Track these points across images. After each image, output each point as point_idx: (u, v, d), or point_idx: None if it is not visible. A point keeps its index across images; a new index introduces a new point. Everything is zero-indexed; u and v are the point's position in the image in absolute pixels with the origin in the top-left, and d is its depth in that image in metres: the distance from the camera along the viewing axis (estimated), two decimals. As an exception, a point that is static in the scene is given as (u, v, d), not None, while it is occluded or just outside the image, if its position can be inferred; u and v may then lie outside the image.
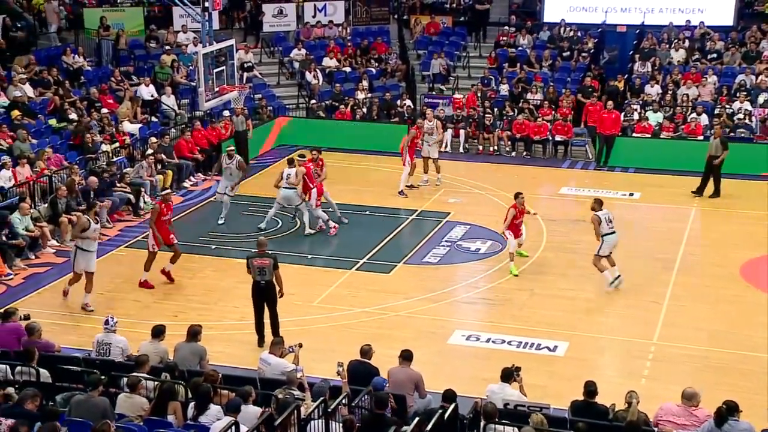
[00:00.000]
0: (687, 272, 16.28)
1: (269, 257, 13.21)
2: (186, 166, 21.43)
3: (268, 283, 13.16)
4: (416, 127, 20.96)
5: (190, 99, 24.24)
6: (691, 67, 25.60)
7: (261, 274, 13.12)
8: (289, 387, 9.84)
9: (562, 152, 23.90)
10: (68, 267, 16.42)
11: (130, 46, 25.98)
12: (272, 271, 13.15)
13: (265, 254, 13.27)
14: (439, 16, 29.52)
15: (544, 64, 26.91)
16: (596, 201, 15.71)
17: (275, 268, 13.18)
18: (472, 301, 15.36)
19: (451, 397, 9.78)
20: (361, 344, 11.01)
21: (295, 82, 27.34)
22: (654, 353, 13.36)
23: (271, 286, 13.20)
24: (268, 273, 13.12)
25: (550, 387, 12.03)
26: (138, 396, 9.45)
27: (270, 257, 13.21)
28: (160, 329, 11.42)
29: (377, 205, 19.74)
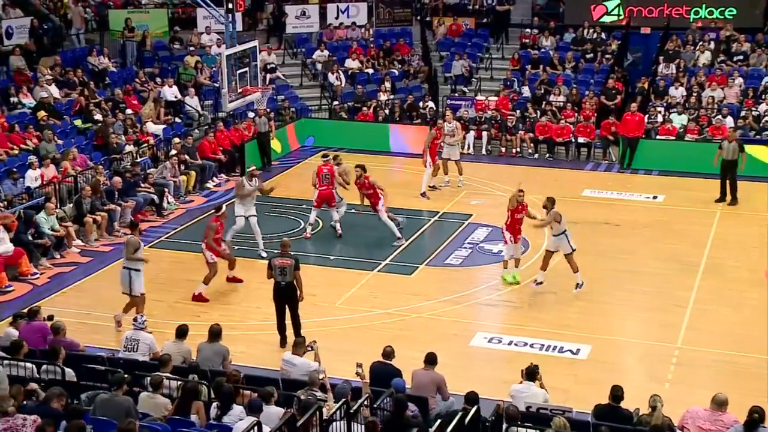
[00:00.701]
0: (711, 275, 16.15)
1: (291, 258, 13.24)
2: (209, 166, 21.54)
3: (288, 284, 13.19)
4: (437, 128, 20.95)
5: (214, 100, 24.38)
6: (717, 69, 25.40)
7: (282, 275, 13.16)
8: (311, 388, 9.86)
9: (585, 154, 23.79)
10: (93, 266, 16.65)
11: (155, 48, 26.17)
12: (293, 272, 13.17)
13: (287, 255, 13.30)
14: (462, 18, 29.49)
15: (567, 66, 26.80)
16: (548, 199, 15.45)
17: (296, 269, 13.20)
18: (494, 303, 15.32)
19: (474, 399, 9.77)
20: (383, 346, 11.01)
21: (317, 84, 27.41)
22: (678, 357, 13.26)
23: (292, 287, 13.22)
24: (289, 274, 13.15)
25: (573, 390, 11.98)
26: (160, 396, 9.51)
27: (291, 258, 13.24)
28: (184, 329, 11.49)
29: (399, 206, 19.71)
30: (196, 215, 19.53)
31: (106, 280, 16.14)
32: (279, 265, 13.19)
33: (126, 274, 13.93)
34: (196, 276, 16.12)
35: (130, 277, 13.88)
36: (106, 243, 17.71)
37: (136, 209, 18.86)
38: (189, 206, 20.09)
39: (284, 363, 11.06)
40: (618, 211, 19.56)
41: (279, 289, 13.24)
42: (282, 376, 10.76)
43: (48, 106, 20.93)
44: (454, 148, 20.98)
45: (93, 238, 17.63)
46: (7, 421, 8.43)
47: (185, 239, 18.11)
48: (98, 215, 17.80)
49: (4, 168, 18.17)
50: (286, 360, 11.07)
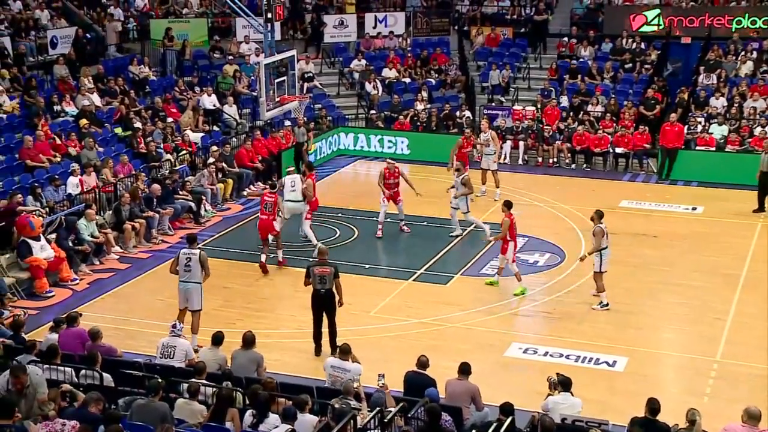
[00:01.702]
0: (752, 289, 15.91)
1: (330, 266, 13.27)
2: (246, 175, 21.70)
3: (327, 292, 13.21)
4: (463, 137, 20.95)
5: (252, 108, 24.57)
6: (759, 79, 25.05)
7: (321, 283, 13.19)
8: (345, 396, 9.87)
9: (623, 165, 23.59)
10: (131, 273, 16.85)
11: (194, 57, 26.46)
12: (332, 280, 13.19)
13: (326, 263, 13.33)
14: (500, 28, 29.41)
15: (605, 76, 26.61)
16: (596, 212, 15.34)
17: (335, 277, 13.22)
18: (529, 313, 15.24)
19: (509, 410, 9.71)
20: (418, 355, 10.99)
21: (354, 93, 27.51)
22: (717, 371, 13.08)
23: (331, 295, 13.23)
24: (329, 282, 13.17)
25: (609, 403, 11.85)
26: (196, 402, 9.58)
27: (331, 266, 13.27)
28: (219, 337, 11.56)
29: (435, 216, 19.71)
30: (232, 223, 19.68)
31: (144, 286, 16.34)
32: (319, 274, 13.22)
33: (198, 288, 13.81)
34: (233, 284, 16.29)
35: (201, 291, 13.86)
36: (143, 250, 17.91)
37: (174, 216, 19.06)
38: (226, 214, 20.25)
39: (334, 369, 11.00)
40: (656, 223, 19.36)
41: (318, 297, 13.27)
42: (330, 384, 10.75)
43: (90, 114, 21.26)
44: (491, 157, 20.92)
45: (131, 244, 17.84)
46: (47, 425, 8.55)
47: (222, 246, 18.26)
48: (137, 222, 18.01)
49: (47, 175, 18.47)
50: (336, 366, 11.02)
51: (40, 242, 15.96)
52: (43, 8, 25.03)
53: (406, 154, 24.19)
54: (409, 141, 24.46)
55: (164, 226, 18.72)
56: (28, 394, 9.04)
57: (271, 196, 16.92)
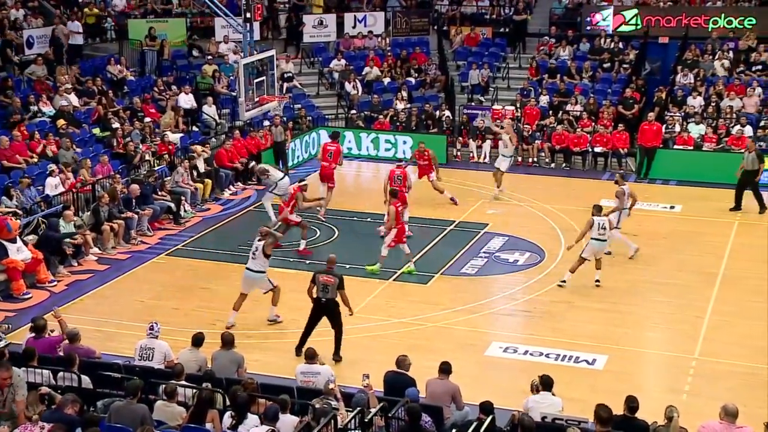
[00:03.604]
0: (729, 286, 16.03)
1: (335, 276, 13.15)
2: (225, 175, 21.62)
3: (328, 301, 13.11)
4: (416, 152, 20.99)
5: (231, 109, 24.49)
6: (736, 78, 25.26)
7: (323, 291, 13.10)
8: (326, 396, 9.86)
9: (602, 164, 23.71)
10: (110, 274, 16.73)
11: (173, 57, 26.33)
12: (335, 290, 13.08)
13: (332, 272, 13.23)
14: (479, 27, 29.48)
15: (584, 76, 26.73)
16: (595, 207, 16.20)
17: (339, 288, 13.10)
18: (509, 312, 15.28)
19: (489, 409, 9.73)
20: (398, 355, 10.99)
21: (334, 93, 27.49)
22: (695, 368, 13.17)
23: (333, 304, 13.12)
24: (331, 291, 13.08)
25: (589, 401, 11.84)
26: (176, 404, 9.53)
27: (336, 276, 13.15)
28: (199, 338, 11.52)
29: (414, 215, 19.71)
30: (212, 223, 19.61)
31: (123, 288, 16.25)
32: (323, 282, 13.14)
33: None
34: (213, 284, 16.23)
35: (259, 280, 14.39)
36: (122, 251, 17.79)
37: (153, 217, 18.96)
38: (205, 215, 20.17)
39: (304, 375, 11.00)
40: (635, 221, 19.42)
41: (318, 305, 13.20)
42: (303, 387, 10.72)
43: (67, 114, 21.09)
44: (506, 160, 20.91)
45: (110, 245, 17.73)
46: (26, 428, 8.49)
47: (202, 247, 18.19)
48: (115, 223, 17.90)
49: (23, 176, 18.29)
50: (306, 371, 11.01)
51: (16, 244, 15.81)
52: (19, 7, 24.80)
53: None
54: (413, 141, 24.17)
55: (143, 227, 18.62)
56: (8, 394, 8.96)
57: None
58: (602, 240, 15.88)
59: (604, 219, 16.00)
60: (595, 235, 15.78)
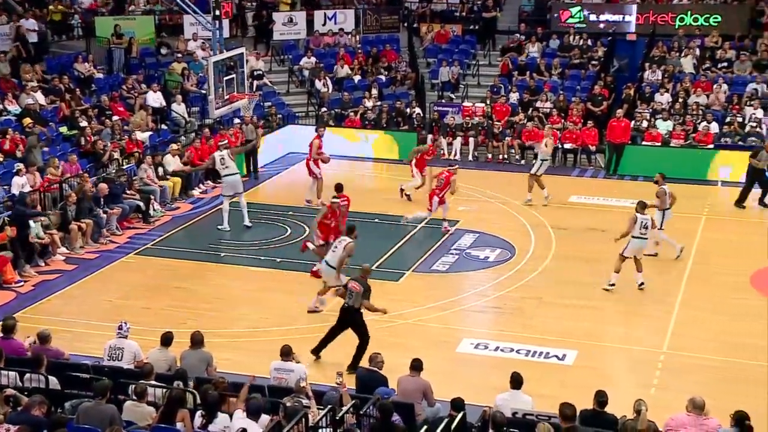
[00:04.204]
0: (697, 281, 16.21)
1: (362, 285, 13.00)
2: (195, 173, 21.48)
3: (350, 308, 12.95)
4: (431, 145, 21.35)
5: (201, 107, 24.34)
6: (702, 75, 25.54)
7: (348, 297, 13.00)
8: (297, 395, 9.84)
9: (572, 160, 23.87)
10: (78, 274, 16.56)
11: (141, 55, 26.11)
12: (359, 298, 12.92)
13: (361, 281, 13.06)
14: (449, 25, 29.54)
15: (553, 72, 26.89)
16: (639, 204, 15.98)
17: (364, 297, 12.92)
18: (480, 309, 15.33)
19: (460, 405, 9.76)
20: (370, 352, 10.99)
21: (304, 90, 27.42)
22: (663, 362, 13.30)
23: (353, 311, 12.93)
24: (354, 298, 12.91)
25: (559, 396, 11.91)
26: (145, 405, 9.46)
27: (363, 285, 13.00)
28: (169, 337, 11.42)
29: (386, 213, 19.74)
30: (182, 222, 19.49)
31: (91, 287, 16.09)
32: (350, 288, 13.06)
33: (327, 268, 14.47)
34: (181, 283, 16.15)
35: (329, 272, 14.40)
36: (91, 250, 17.62)
37: (122, 216, 18.80)
38: (175, 213, 20.04)
39: (278, 372, 10.94)
40: (604, 217, 19.62)
41: (342, 310, 13.11)
42: (276, 385, 10.69)
43: (33, 113, 20.84)
44: (545, 163, 20.50)
45: (78, 245, 17.55)
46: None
47: (172, 246, 18.07)
48: (83, 222, 17.72)
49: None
50: (280, 368, 10.96)
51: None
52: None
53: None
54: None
55: (112, 226, 18.45)
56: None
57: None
58: (644, 238, 15.63)
59: (647, 218, 15.70)
60: (636, 234, 15.50)
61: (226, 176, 18.66)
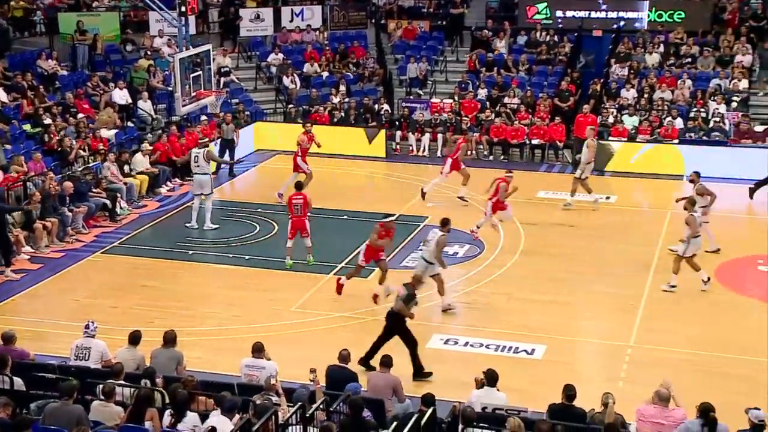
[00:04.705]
0: (663, 275, 16.34)
1: (407, 290, 12.87)
2: (162, 171, 21.32)
3: (393, 312, 12.79)
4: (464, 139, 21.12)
5: (167, 104, 24.14)
6: (666, 71, 25.81)
7: (395, 301, 12.94)
8: (267, 393, 9.81)
9: (540, 156, 24.01)
10: (43, 273, 16.35)
11: (106, 51, 25.84)
12: (400, 300, 12.79)
13: (408, 286, 12.97)
14: (417, 21, 29.56)
15: (521, 68, 27.02)
16: (691, 201, 15.77)
17: (403, 301, 12.74)
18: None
19: (430, 401, 9.79)
20: (340, 349, 11.00)
21: (272, 87, 27.30)
22: (631, 356, 13.43)
23: (396, 315, 12.75)
24: (397, 302, 12.81)
25: (528, 390, 12.05)
26: (113, 404, 9.37)
27: (407, 290, 12.88)
28: (137, 336, 11.33)
29: (355, 209, 19.72)
30: (149, 220, 19.33)
31: (57, 287, 15.91)
32: (397, 291, 13.02)
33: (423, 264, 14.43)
34: (149, 282, 16.02)
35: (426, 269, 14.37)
36: (56, 249, 17.41)
37: (89, 215, 18.60)
38: (142, 211, 19.87)
39: (249, 369, 10.89)
40: (572, 212, 19.77)
41: (387, 315, 12.90)
42: (247, 382, 10.64)
43: (-4, 110, 20.57)
44: (589, 167, 20.06)
45: (43, 244, 17.33)
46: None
47: (139, 244, 17.92)
48: (48, 221, 17.50)
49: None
50: (251, 365, 10.91)
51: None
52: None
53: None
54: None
55: (78, 224, 18.25)
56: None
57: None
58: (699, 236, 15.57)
59: (698, 214, 15.69)
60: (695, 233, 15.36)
61: (196, 174, 18.63)
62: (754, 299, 15.53)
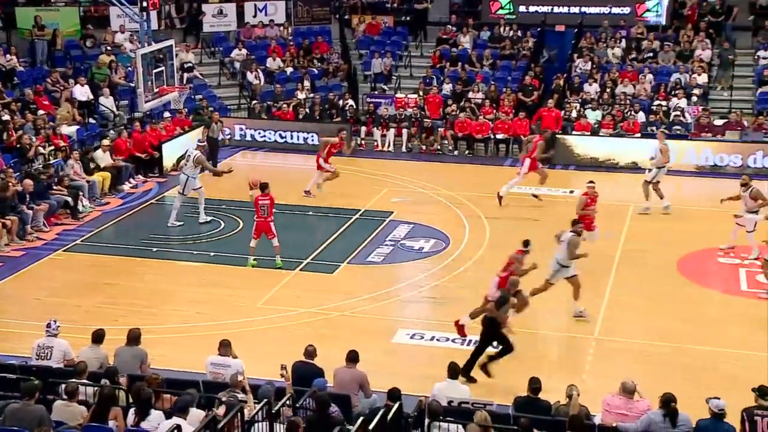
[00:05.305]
0: (626, 268, 16.54)
1: (502, 294, 12.67)
2: (125, 168, 21.11)
3: (487, 317, 12.58)
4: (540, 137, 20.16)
5: (130, 100, 23.89)
6: (628, 65, 26.05)
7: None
8: (232, 389, 9.76)
9: (504, 150, 24.12)
10: (3, 273, 16.12)
11: (66, 47, 25.49)
12: (494, 306, 12.58)
13: (503, 290, 12.76)
14: (381, 16, 29.55)
15: (485, 63, 27.11)
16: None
17: (496, 305, 12.54)
18: (416, 299, 15.41)
19: (396, 395, 9.79)
20: (306, 345, 10.97)
21: (236, 83, 27.14)
22: (595, 348, 13.55)
23: (492, 320, 12.51)
24: (492, 306, 12.64)
25: (494, 384, 12.12)
26: (76, 404, 9.26)
27: (502, 294, 12.68)
28: (100, 334, 11.21)
29: (321, 205, 19.68)
30: (112, 217, 19.13)
31: (18, 285, 15.68)
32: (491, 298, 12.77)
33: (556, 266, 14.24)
34: (112, 279, 15.86)
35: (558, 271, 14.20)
36: (17, 248, 17.15)
37: (50, 212, 18.35)
38: (104, 209, 19.65)
39: (214, 366, 10.81)
40: (537, 207, 19.88)
41: (483, 320, 12.70)
42: (212, 380, 10.57)
43: (-47, 107, 20.21)
44: (662, 171, 19.44)
45: (2, 242, 17.07)
46: None
47: (102, 242, 17.74)
48: (8, 219, 17.23)
49: None
50: (217, 363, 10.83)
51: None
52: None
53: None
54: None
55: (38, 222, 17.99)
56: None
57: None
58: None
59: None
60: None
61: (181, 172, 18.50)
62: (714, 291, 15.77)
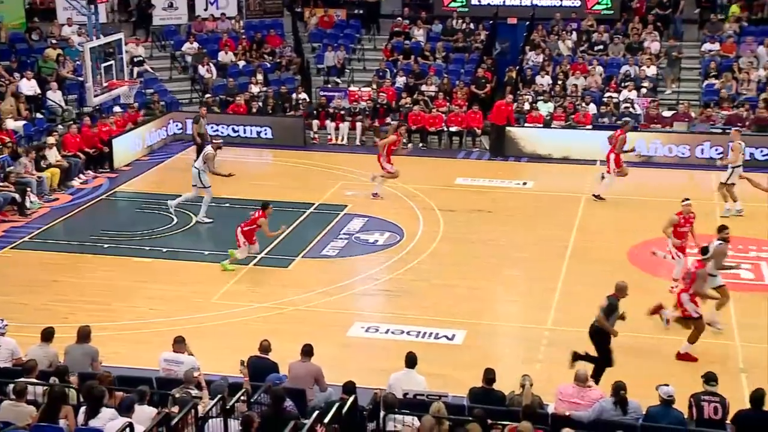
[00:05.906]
0: (578, 258, 16.72)
1: (608, 301, 12.22)
2: (75, 163, 20.78)
3: (594, 326, 12.17)
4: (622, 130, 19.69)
5: (78, 94, 23.51)
6: (579, 57, 26.32)
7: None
8: (186, 386, 9.68)
9: (458, 143, 24.23)
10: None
11: (11, 40, 24.98)
12: (600, 315, 12.16)
13: (611, 297, 12.26)
14: (333, 9, 29.45)
15: (438, 56, 27.18)
16: None
17: (603, 314, 12.10)
18: (371, 293, 15.41)
19: (351, 389, 9.80)
20: (260, 340, 10.91)
21: (187, 77, 26.85)
22: (548, 338, 13.69)
23: (598, 330, 12.14)
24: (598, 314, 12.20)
25: (449, 375, 12.18)
26: (24, 404, 9.09)
27: (609, 301, 12.19)
28: (49, 332, 11.03)
29: (274, 199, 19.53)
30: (60, 214, 18.82)
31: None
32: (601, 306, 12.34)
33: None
34: (61, 277, 15.60)
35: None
36: (-36, 246, 16.83)
37: (-4, 209, 18.02)
38: (53, 205, 19.32)
39: (167, 363, 10.72)
40: (490, 198, 20.01)
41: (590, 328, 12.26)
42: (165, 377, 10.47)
43: None
44: (737, 171, 18.57)
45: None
46: None
47: (51, 239, 17.45)
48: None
49: None
50: (170, 359, 10.74)
51: None
52: None
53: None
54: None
55: (-14, 219, 17.67)
56: None
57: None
58: None
59: None
60: None
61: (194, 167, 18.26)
62: (663, 279, 16.01)
